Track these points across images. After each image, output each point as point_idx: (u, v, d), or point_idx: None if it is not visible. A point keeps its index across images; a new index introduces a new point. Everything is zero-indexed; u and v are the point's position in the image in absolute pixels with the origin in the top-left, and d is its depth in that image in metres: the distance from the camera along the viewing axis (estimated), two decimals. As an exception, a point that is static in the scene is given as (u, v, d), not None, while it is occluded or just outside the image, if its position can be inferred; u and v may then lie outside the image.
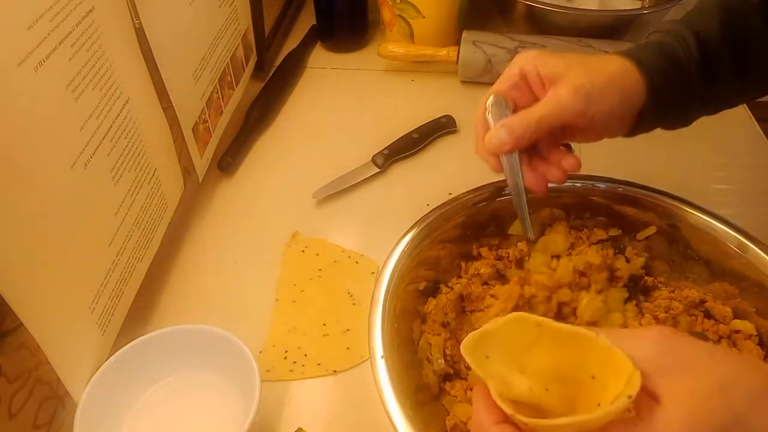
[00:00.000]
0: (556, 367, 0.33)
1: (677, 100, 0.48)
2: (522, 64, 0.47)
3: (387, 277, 0.49)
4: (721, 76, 0.48)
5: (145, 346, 0.50)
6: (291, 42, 0.94)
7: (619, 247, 0.56)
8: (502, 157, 0.47)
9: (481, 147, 0.48)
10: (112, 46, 0.48)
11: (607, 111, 0.46)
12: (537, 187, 0.48)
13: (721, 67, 0.47)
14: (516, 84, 0.48)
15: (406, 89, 0.86)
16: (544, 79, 0.46)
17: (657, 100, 0.46)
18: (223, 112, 0.72)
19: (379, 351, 0.44)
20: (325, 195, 0.70)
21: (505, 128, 0.46)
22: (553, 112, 0.45)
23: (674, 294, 0.54)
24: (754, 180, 0.71)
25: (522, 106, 0.47)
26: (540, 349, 0.33)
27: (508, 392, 0.31)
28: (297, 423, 0.51)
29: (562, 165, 0.48)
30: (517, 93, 0.48)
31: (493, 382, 0.31)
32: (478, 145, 0.49)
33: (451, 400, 0.49)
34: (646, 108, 0.47)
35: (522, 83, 0.48)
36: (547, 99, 0.46)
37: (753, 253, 0.49)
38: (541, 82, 0.47)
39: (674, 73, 0.47)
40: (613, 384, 0.30)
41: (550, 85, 0.46)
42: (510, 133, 0.46)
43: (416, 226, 0.53)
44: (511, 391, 0.31)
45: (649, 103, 0.47)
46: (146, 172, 0.55)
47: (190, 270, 0.63)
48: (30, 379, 0.44)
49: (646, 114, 0.47)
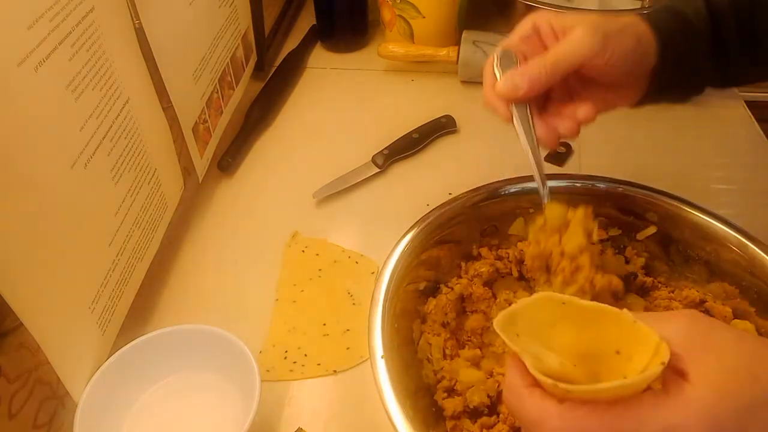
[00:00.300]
0: (580, 343, 0.33)
1: (688, 61, 0.47)
2: (534, 18, 0.46)
3: (387, 277, 0.49)
4: (730, 45, 0.47)
5: (145, 346, 0.50)
6: (291, 42, 0.94)
7: (619, 247, 0.56)
8: (513, 108, 0.45)
9: (491, 95, 0.46)
10: (112, 46, 0.48)
11: (623, 51, 0.44)
12: (548, 140, 0.46)
13: (730, 36, 0.47)
14: (528, 37, 0.46)
15: (406, 89, 0.86)
16: (557, 31, 0.45)
17: (668, 58, 0.45)
18: (223, 112, 0.72)
19: (379, 351, 0.44)
20: (325, 195, 0.70)
21: (518, 73, 0.44)
22: (570, 52, 0.43)
23: (674, 294, 0.54)
24: (754, 180, 0.71)
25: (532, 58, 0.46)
26: (565, 326, 0.34)
27: (540, 367, 0.32)
28: (297, 423, 0.51)
29: (577, 115, 0.46)
30: (527, 46, 0.46)
31: (529, 358, 0.32)
32: (487, 93, 0.47)
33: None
34: (659, 68, 0.46)
35: (534, 36, 0.46)
36: (564, 41, 0.44)
37: (753, 253, 0.49)
38: (553, 33, 0.45)
39: (685, 34, 0.46)
40: (638, 357, 0.31)
41: (563, 34, 0.45)
42: (524, 77, 0.44)
43: (416, 226, 0.53)
44: (542, 366, 0.32)
45: (661, 61, 0.46)
46: (146, 172, 0.55)
47: (190, 270, 0.63)
48: (30, 379, 0.44)
49: (659, 74, 0.46)
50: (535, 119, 0.46)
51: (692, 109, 0.80)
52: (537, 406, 0.31)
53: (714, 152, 0.74)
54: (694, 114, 0.79)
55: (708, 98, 0.81)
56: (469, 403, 0.47)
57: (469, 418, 0.47)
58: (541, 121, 0.46)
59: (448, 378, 0.49)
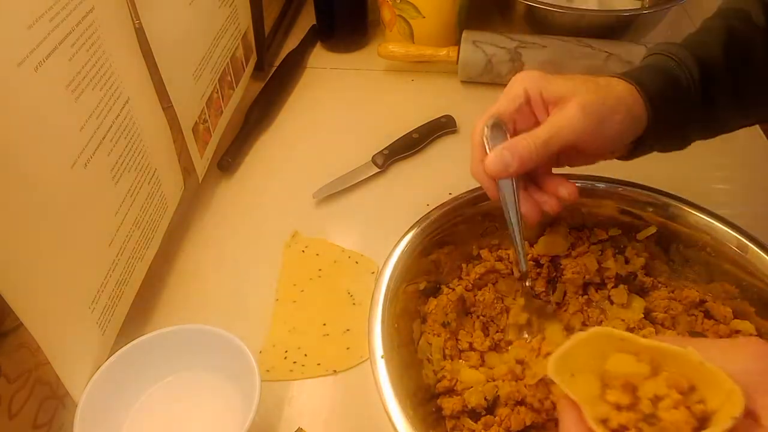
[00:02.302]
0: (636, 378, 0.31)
1: (677, 124, 0.47)
2: (526, 85, 0.45)
3: (387, 277, 0.49)
4: (721, 101, 0.47)
5: (145, 346, 0.50)
6: (291, 42, 0.94)
7: (619, 247, 0.56)
8: (500, 183, 0.45)
9: (479, 169, 0.46)
10: (112, 46, 0.48)
11: (616, 131, 0.44)
12: (531, 216, 0.46)
13: (721, 92, 0.47)
14: (518, 106, 0.45)
15: (406, 89, 0.86)
16: (548, 101, 0.44)
17: (658, 123, 0.46)
18: (223, 112, 0.72)
19: (379, 351, 0.44)
20: (325, 195, 0.70)
21: (509, 150, 0.43)
22: (562, 131, 0.43)
23: (674, 294, 0.54)
24: (754, 180, 0.71)
25: (522, 129, 0.45)
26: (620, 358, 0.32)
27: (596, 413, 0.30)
28: (297, 423, 0.51)
29: (560, 193, 0.46)
30: (518, 115, 0.46)
31: (587, 406, 0.30)
32: (475, 167, 0.46)
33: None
34: (647, 131, 0.46)
35: (524, 106, 0.46)
36: (555, 119, 0.43)
37: (753, 253, 0.49)
38: (543, 104, 0.45)
39: (674, 97, 0.46)
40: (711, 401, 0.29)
41: (554, 106, 0.44)
42: (515, 155, 0.43)
43: (416, 226, 0.53)
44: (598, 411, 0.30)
45: (650, 125, 0.46)
46: (146, 172, 0.55)
47: (190, 270, 0.63)
48: (30, 379, 0.44)
49: (647, 137, 0.46)
50: (520, 194, 0.46)
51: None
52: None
53: (714, 152, 0.74)
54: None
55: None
56: (467, 404, 0.47)
57: (470, 417, 0.47)
58: (526, 198, 0.46)
59: (449, 378, 0.49)
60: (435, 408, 0.48)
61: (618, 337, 0.32)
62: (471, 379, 0.48)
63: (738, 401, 0.28)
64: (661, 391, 0.30)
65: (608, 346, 0.32)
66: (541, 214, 0.46)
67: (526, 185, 0.47)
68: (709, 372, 0.29)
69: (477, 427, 0.46)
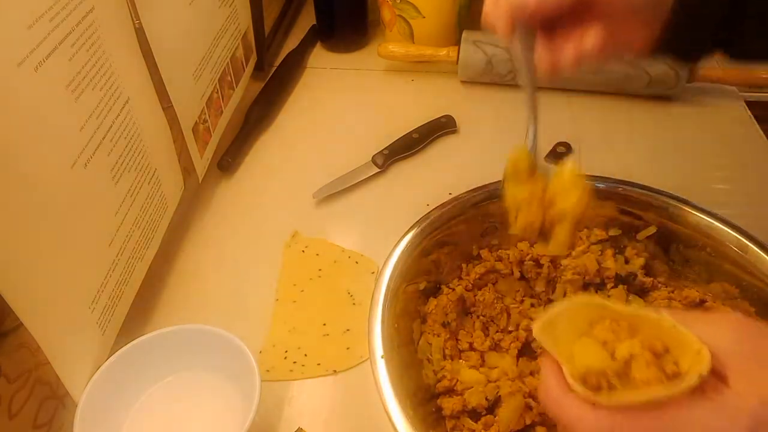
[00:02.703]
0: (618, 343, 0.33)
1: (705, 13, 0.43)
2: None
3: (387, 277, 0.49)
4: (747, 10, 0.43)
5: (145, 346, 0.50)
6: (291, 42, 0.94)
7: (619, 247, 0.56)
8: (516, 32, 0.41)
9: (494, 9, 0.41)
10: (112, 46, 0.48)
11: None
12: (548, 62, 0.41)
13: None
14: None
15: (406, 89, 0.86)
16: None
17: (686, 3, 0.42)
18: (223, 112, 0.72)
19: (379, 351, 0.44)
20: (325, 195, 0.70)
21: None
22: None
23: (674, 294, 0.54)
24: (754, 180, 0.71)
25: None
26: (603, 328, 0.34)
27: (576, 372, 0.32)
28: (297, 423, 0.51)
29: (583, 42, 0.40)
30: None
31: (567, 365, 0.32)
32: (488, 7, 0.42)
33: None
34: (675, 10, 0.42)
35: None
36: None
37: (753, 253, 0.49)
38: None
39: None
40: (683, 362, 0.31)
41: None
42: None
43: (416, 226, 0.53)
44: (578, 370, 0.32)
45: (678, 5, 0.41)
46: (146, 172, 0.55)
47: (190, 270, 0.63)
48: (30, 379, 0.44)
49: (674, 18, 0.42)
50: (537, 42, 0.41)
51: (692, 109, 0.80)
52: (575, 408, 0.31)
53: (714, 152, 0.74)
54: (694, 114, 0.79)
55: (708, 98, 0.81)
56: (468, 404, 0.47)
57: (470, 417, 0.47)
58: (544, 43, 0.41)
59: (449, 378, 0.49)
60: (435, 408, 0.48)
61: (599, 305, 0.34)
62: (471, 379, 0.48)
63: (705, 360, 0.29)
64: (636, 352, 0.32)
65: (590, 313, 0.34)
66: (558, 62, 0.41)
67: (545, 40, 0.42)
68: (681, 334, 0.31)
69: (477, 427, 0.46)
